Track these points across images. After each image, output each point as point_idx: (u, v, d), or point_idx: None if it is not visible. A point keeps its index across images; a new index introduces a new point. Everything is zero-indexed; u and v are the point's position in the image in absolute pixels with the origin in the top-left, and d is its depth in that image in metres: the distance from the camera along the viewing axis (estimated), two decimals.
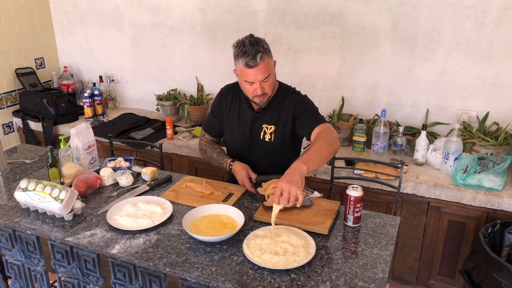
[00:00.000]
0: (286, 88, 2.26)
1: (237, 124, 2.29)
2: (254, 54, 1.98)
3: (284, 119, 2.19)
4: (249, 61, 1.98)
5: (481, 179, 2.50)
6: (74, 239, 1.77)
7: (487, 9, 2.67)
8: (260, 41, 2.05)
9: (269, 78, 2.06)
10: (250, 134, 2.25)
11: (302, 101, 2.19)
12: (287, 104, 2.18)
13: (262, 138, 2.23)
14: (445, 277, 2.78)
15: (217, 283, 1.52)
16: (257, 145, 2.26)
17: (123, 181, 2.17)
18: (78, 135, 2.24)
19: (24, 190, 1.93)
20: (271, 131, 2.21)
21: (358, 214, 1.82)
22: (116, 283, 1.81)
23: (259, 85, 2.05)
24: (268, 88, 2.09)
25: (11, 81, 3.74)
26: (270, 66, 2.06)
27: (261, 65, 2.00)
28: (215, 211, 1.90)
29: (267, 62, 2.03)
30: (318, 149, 1.85)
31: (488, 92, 2.82)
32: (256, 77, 2.03)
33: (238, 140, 2.30)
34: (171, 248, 1.71)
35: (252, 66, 1.99)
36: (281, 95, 2.22)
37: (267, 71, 2.03)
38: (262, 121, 2.23)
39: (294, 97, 2.21)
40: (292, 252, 1.62)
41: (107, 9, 3.80)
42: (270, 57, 2.07)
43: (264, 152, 2.25)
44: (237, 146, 2.33)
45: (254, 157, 2.28)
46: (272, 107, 2.21)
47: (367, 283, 1.51)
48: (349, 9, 3.01)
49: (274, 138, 2.21)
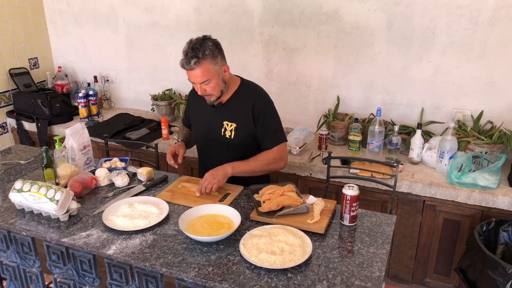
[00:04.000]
0: (248, 86, 2.28)
1: (200, 120, 2.38)
2: (189, 58, 2.03)
3: (245, 118, 2.22)
4: (184, 64, 2.05)
5: (476, 177, 2.51)
6: (70, 240, 1.77)
7: (481, 8, 2.69)
8: (204, 46, 2.05)
9: (209, 82, 2.09)
10: (211, 129, 2.31)
11: (266, 109, 2.23)
12: (247, 103, 2.21)
13: (223, 134, 2.27)
14: (440, 275, 2.79)
15: (214, 283, 1.52)
16: (218, 141, 2.30)
17: (118, 181, 2.17)
18: (73, 135, 2.23)
19: (19, 191, 1.92)
20: (231, 128, 2.24)
21: (355, 213, 1.83)
22: (113, 284, 1.80)
23: (199, 86, 2.11)
24: (210, 90, 2.12)
25: (5, 81, 3.72)
26: (209, 72, 2.07)
27: (196, 70, 2.04)
28: (212, 211, 1.90)
29: (205, 68, 2.05)
30: (254, 165, 2.18)
31: (482, 91, 2.84)
32: (193, 79, 2.10)
33: (201, 135, 2.39)
34: (167, 248, 1.71)
35: (186, 69, 2.07)
36: (241, 92, 2.25)
37: (204, 76, 2.06)
38: (222, 117, 2.27)
39: (257, 99, 2.22)
40: (288, 252, 1.62)
41: (101, 8, 3.78)
42: (212, 63, 2.07)
43: (225, 148, 2.29)
44: (201, 141, 2.42)
45: (217, 152, 2.33)
46: (232, 104, 2.24)
47: (363, 281, 1.51)
48: (344, 9, 3.01)
49: (234, 136, 2.25)
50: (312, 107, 3.35)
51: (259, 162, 2.18)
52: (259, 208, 1.90)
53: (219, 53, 2.12)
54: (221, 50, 2.15)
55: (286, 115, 3.45)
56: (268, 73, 3.39)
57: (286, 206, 1.89)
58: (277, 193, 1.92)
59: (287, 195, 1.92)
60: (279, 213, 1.86)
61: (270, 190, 1.97)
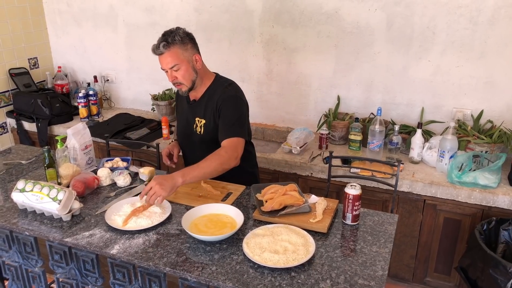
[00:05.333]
0: (220, 83, 2.28)
1: (179, 117, 2.45)
2: (159, 42, 2.09)
3: (212, 114, 2.22)
4: (154, 49, 2.11)
5: (476, 176, 2.52)
6: (73, 240, 1.77)
7: (480, 8, 2.69)
8: (175, 33, 2.11)
9: (180, 68, 2.12)
10: (186, 126, 2.35)
11: (227, 102, 2.19)
12: (215, 99, 2.21)
13: (194, 130, 2.30)
14: (441, 274, 2.80)
15: (217, 282, 1.53)
16: (192, 137, 2.33)
17: (120, 181, 2.17)
18: (75, 135, 2.23)
19: (22, 191, 1.92)
20: (201, 124, 2.27)
21: (357, 212, 1.83)
22: (115, 283, 1.80)
23: (170, 73, 2.14)
24: (180, 78, 2.15)
25: (5, 81, 3.72)
26: (178, 57, 2.10)
27: (165, 54, 2.09)
28: (214, 211, 1.90)
29: (174, 52, 2.09)
30: (204, 167, 2.00)
31: (482, 90, 2.85)
32: (163, 65, 2.13)
33: (180, 131, 2.45)
34: (170, 247, 1.71)
35: (157, 54, 2.12)
36: (213, 89, 2.25)
37: (172, 61, 2.09)
38: (195, 113, 2.29)
39: (222, 93, 2.21)
40: (292, 251, 1.63)
41: (101, 8, 3.78)
42: (182, 48, 2.11)
43: (197, 144, 2.32)
44: (180, 137, 2.48)
45: (191, 148, 2.38)
46: (204, 100, 2.26)
47: (367, 280, 1.52)
48: (344, 9, 3.02)
49: (204, 132, 2.26)
50: (312, 106, 3.35)
51: (210, 162, 2.01)
52: (262, 207, 1.90)
53: (190, 41, 2.16)
54: (193, 40, 2.19)
55: (286, 115, 3.47)
56: (268, 73, 3.39)
57: (289, 206, 1.89)
58: (280, 193, 1.93)
59: (290, 194, 1.93)
60: (282, 212, 1.86)
61: (272, 190, 1.97)
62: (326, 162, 2.84)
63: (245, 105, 2.28)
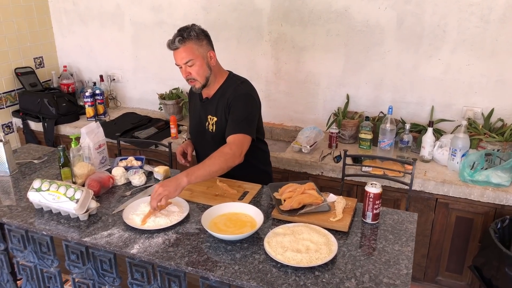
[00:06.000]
0: (233, 80, 2.27)
1: (192, 115, 2.44)
2: (174, 38, 2.09)
3: (223, 112, 2.21)
4: (170, 44, 2.11)
5: (489, 175, 2.52)
6: (91, 239, 1.75)
7: (492, 6, 2.69)
8: (190, 28, 2.11)
9: (194, 64, 2.11)
10: (199, 123, 2.34)
11: (238, 99, 2.18)
12: (227, 97, 2.20)
13: (207, 127, 2.30)
14: (452, 273, 2.79)
15: (241, 281, 1.51)
16: (204, 134, 2.33)
17: (136, 180, 2.15)
18: (88, 134, 2.21)
19: (38, 190, 1.90)
20: (213, 122, 2.26)
21: (377, 211, 1.82)
22: (134, 284, 1.79)
23: (184, 69, 2.13)
24: (195, 74, 2.14)
25: (11, 80, 3.69)
26: (193, 52, 2.10)
27: (180, 49, 2.09)
28: (233, 209, 1.89)
29: (189, 47, 2.09)
30: (209, 165, 1.96)
31: (493, 89, 2.85)
32: (178, 60, 2.12)
33: (193, 129, 2.43)
34: (191, 247, 1.69)
35: (172, 49, 2.11)
36: (226, 87, 2.24)
37: (187, 56, 2.09)
38: (207, 111, 2.29)
39: (234, 91, 2.20)
40: (314, 250, 1.61)
41: (108, 7, 3.76)
42: (197, 44, 2.11)
43: (209, 142, 2.30)
44: (193, 135, 2.46)
45: (204, 146, 2.36)
46: (216, 98, 2.25)
47: (392, 279, 1.51)
48: (354, 7, 3.01)
49: (215, 130, 2.26)
50: (321, 105, 3.34)
51: (214, 160, 1.97)
52: (281, 206, 1.89)
53: (205, 38, 2.16)
54: (208, 37, 2.19)
55: (295, 114, 3.46)
56: (276, 71, 3.38)
57: (307, 204, 1.88)
58: (298, 191, 1.91)
59: (308, 193, 1.91)
60: (301, 211, 1.85)
61: (290, 188, 1.95)
62: (337, 161, 2.84)
63: (257, 104, 2.26)
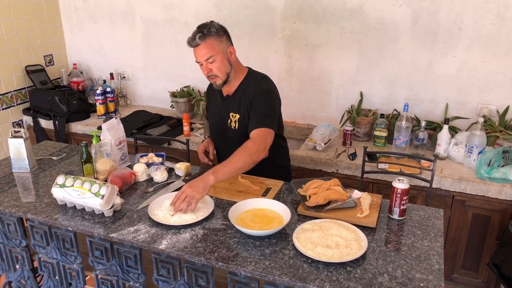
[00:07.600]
0: (253, 77, 2.26)
1: (212, 112, 2.41)
2: (194, 34, 2.09)
3: (245, 109, 2.21)
4: (190, 41, 2.10)
5: (507, 172, 2.52)
6: (118, 235, 1.74)
7: (508, 3, 2.69)
8: (209, 24, 2.11)
9: (215, 60, 2.11)
10: (220, 121, 2.33)
11: (260, 95, 2.17)
12: (248, 93, 2.20)
13: (229, 125, 2.28)
14: (468, 271, 2.79)
15: (273, 277, 1.50)
16: (226, 132, 2.31)
17: (158, 176, 2.14)
18: (109, 130, 2.20)
19: (62, 186, 1.88)
20: (235, 119, 2.25)
21: (404, 207, 1.82)
22: (159, 280, 1.78)
23: (205, 65, 2.12)
24: (216, 70, 2.13)
25: (21, 78, 3.67)
26: (213, 48, 2.09)
27: (201, 45, 2.08)
28: (259, 205, 1.88)
29: (209, 44, 2.08)
30: (234, 161, 1.95)
31: (508, 86, 2.84)
32: (199, 57, 2.11)
33: (213, 127, 2.43)
34: (219, 242, 1.68)
35: (193, 46, 2.10)
36: (247, 83, 2.23)
37: (208, 52, 2.08)
38: (229, 108, 2.27)
39: (256, 87, 2.19)
40: (344, 245, 1.61)
41: (118, 5, 3.74)
42: (218, 40, 2.10)
43: (232, 139, 2.28)
44: (213, 133, 2.46)
45: (226, 144, 2.34)
46: (238, 95, 2.24)
47: (424, 274, 1.50)
48: (368, 4, 3.01)
49: (238, 127, 2.25)
50: (334, 103, 3.34)
51: (239, 156, 1.96)
52: (306, 202, 1.88)
53: (225, 34, 2.15)
54: (227, 33, 2.18)
55: (307, 112, 3.45)
56: (289, 69, 3.38)
57: (333, 201, 1.88)
58: (323, 187, 1.91)
59: (333, 189, 1.91)
60: (327, 207, 1.85)
61: (315, 184, 1.95)
62: (353, 159, 2.83)
63: (278, 99, 2.25)
